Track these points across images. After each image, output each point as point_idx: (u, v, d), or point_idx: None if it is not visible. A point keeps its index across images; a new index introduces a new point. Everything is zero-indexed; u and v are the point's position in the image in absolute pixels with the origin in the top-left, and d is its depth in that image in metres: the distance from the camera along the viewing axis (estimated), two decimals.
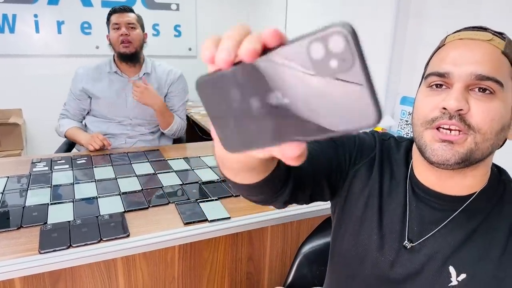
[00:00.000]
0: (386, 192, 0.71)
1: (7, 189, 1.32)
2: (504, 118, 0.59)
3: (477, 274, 0.61)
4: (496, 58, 0.59)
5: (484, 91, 0.58)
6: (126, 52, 1.82)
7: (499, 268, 0.60)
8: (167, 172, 1.53)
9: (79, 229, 1.08)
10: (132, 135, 1.94)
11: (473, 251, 0.62)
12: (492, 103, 0.58)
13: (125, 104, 1.90)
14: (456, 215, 0.64)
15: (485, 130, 0.58)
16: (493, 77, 0.57)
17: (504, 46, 0.59)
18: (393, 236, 0.69)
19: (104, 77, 1.89)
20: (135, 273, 1.11)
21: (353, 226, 0.74)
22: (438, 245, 0.65)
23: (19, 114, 2.95)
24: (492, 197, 0.65)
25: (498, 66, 0.58)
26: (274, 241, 1.31)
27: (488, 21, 1.46)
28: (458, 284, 0.62)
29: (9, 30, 2.83)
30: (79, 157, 1.66)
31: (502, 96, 0.58)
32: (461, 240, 0.63)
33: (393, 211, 0.70)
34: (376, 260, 0.70)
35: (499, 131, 0.59)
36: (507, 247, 0.61)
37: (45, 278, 1.00)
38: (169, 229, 1.11)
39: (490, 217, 0.64)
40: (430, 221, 0.66)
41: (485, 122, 0.58)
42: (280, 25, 2.95)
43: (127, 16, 1.83)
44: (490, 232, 0.63)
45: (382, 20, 1.87)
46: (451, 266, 0.63)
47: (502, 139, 0.62)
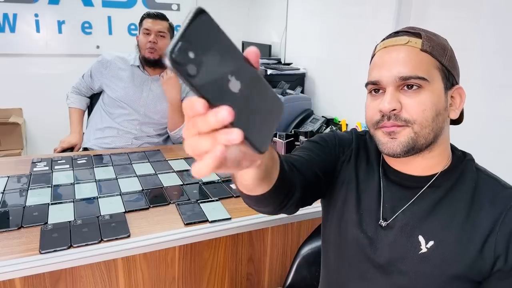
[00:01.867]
0: (363, 177, 0.81)
1: (7, 189, 1.32)
2: (437, 105, 0.69)
3: (443, 240, 0.69)
4: (415, 57, 0.69)
5: (412, 87, 0.68)
6: (150, 58, 1.87)
7: (462, 234, 0.68)
8: (168, 172, 1.53)
9: (79, 229, 1.07)
10: (139, 136, 1.95)
11: (439, 221, 0.71)
12: (420, 96, 0.68)
13: (139, 98, 1.93)
14: (422, 191, 0.73)
15: (420, 120, 0.68)
16: (415, 75, 0.67)
17: (421, 44, 0.69)
18: (371, 214, 0.78)
19: (128, 68, 1.94)
20: (135, 273, 1.11)
21: (337, 212, 0.83)
22: (407, 218, 0.73)
23: (19, 114, 2.95)
24: (454, 174, 0.73)
25: (418, 63, 0.68)
26: (274, 242, 1.31)
27: (489, 23, 1.46)
28: (427, 250, 0.70)
29: (9, 29, 2.83)
30: (79, 157, 1.66)
31: (430, 87, 0.68)
32: (427, 212, 0.72)
33: (369, 192, 0.79)
34: (357, 237, 0.78)
35: (435, 116, 0.68)
36: (469, 215, 0.69)
37: (46, 279, 1.00)
38: (170, 230, 1.11)
39: (452, 190, 0.72)
40: (400, 198, 0.75)
41: (417, 114, 0.68)
42: (281, 24, 2.95)
43: (159, 24, 1.86)
44: (453, 203, 0.71)
45: (383, 21, 1.87)
46: (420, 236, 0.71)
47: (442, 121, 0.70)
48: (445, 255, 0.69)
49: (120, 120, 1.93)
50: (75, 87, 2.04)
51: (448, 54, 0.71)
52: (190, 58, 0.34)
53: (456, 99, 0.73)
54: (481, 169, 0.75)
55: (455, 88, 0.72)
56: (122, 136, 1.93)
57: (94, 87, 2.00)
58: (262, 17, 3.36)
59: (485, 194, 0.70)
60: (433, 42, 0.70)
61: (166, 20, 1.90)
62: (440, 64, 0.70)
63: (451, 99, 0.72)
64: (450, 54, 0.71)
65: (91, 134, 1.96)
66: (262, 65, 2.65)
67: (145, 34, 1.86)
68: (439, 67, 0.70)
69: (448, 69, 0.70)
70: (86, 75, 2.00)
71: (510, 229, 0.66)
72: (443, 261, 0.69)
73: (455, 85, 0.72)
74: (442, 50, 0.70)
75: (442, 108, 0.70)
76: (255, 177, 0.52)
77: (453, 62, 0.72)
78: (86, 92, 2.05)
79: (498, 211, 0.68)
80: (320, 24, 2.53)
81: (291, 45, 2.89)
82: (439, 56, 0.70)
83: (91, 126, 2.00)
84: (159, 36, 1.86)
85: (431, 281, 0.70)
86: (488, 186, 0.71)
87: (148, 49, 1.85)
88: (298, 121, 2.02)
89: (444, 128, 0.72)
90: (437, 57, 0.69)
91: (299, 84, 2.38)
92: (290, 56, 2.90)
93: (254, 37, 3.45)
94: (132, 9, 3.14)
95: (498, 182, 0.72)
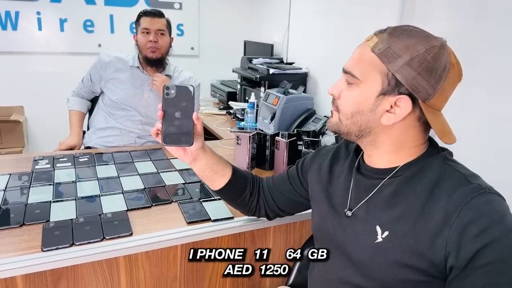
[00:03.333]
0: (337, 173, 0.89)
1: (9, 187, 1.32)
2: (360, 104, 0.73)
3: (397, 231, 0.72)
4: (363, 55, 0.72)
5: (350, 82, 0.74)
6: (153, 57, 1.86)
7: (416, 226, 0.70)
8: (170, 171, 1.52)
9: (81, 227, 1.07)
10: (142, 135, 1.95)
11: (395, 212, 0.73)
12: (350, 92, 0.74)
13: (140, 99, 1.92)
14: (383, 182, 0.77)
15: (343, 111, 0.76)
16: (350, 72, 0.73)
17: (374, 45, 0.71)
18: (340, 205, 0.84)
19: (127, 69, 1.92)
20: (137, 272, 1.11)
21: (316, 206, 0.93)
22: (369, 208, 0.78)
23: (20, 112, 2.94)
24: (414, 167, 0.75)
25: (361, 62, 0.72)
26: (276, 241, 1.31)
27: (492, 23, 1.46)
28: (382, 240, 0.73)
29: (11, 27, 2.82)
30: (81, 155, 1.66)
31: (361, 87, 0.72)
32: (386, 203, 0.75)
33: (341, 185, 0.86)
34: (328, 227, 0.85)
35: (355, 113, 0.74)
36: (424, 208, 0.70)
37: (47, 276, 1.00)
38: (172, 228, 1.11)
39: (410, 181, 0.74)
40: (365, 189, 0.79)
41: (342, 105, 0.77)
42: (283, 23, 2.94)
43: (158, 22, 1.84)
44: (410, 195, 0.73)
45: (386, 21, 1.87)
46: (377, 226, 0.75)
47: (367, 121, 0.74)
48: (397, 245, 0.71)
49: (122, 120, 1.92)
50: (75, 92, 2.02)
51: (402, 63, 0.68)
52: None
53: (400, 108, 0.70)
54: (452, 164, 0.74)
55: (398, 97, 0.70)
56: (125, 135, 1.92)
57: (96, 90, 1.98)
58: (264, 16, 3.35)
59: (446, 187, 0.70)
60: (388, 47, 0.69)
61: (163, 17, 1.88)
62: (387, 70, 0.69)
63: (394, 106, 0.71)
64: (409, 64, 0.67)
65: (93, 134, 1.96)
66: (264, 64, 2.65)
67: (145, 34, 1.84)
68: (384, 72, 0.69)
69: (396, 77, 0.68)
70: (86, 79, 1.98)
71: (463, 225, 0.65)
72: (395, 251, 0.71)
73: (402, 94, 0.69)
74: (393, 57, 0.68)
75: (367, 109, 0.73)
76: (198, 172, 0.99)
77: (409, 73, 0.68)
78: (87, 96, 2.03)
79: (454, 205, 0.67)
80: (322, 24, 2.52)
81: (294, 44, 2.89)
82: (386, 62, 0.69)
83: (93, 126, 1.99)
84: (159, 35, 1.84)
85: (385, 269, 0.72)
86: (452, 180, 0.70)
87: (150, 49, 1.84)
88: (300, 120, 2.02)
89: (374, 128, 0.74)
90: (384, 62, 0.69)
91: (301, 84, 2.37)
92: (292, 55, 2.89)
93: (256, 36, 3.45)
94: (134, 7, 3.13)
95: (465, 177, 0.70)
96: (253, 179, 1.06)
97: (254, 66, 2.68)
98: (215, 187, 1.02)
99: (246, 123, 2.24)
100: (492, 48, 1.48)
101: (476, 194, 0.67)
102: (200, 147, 0.93)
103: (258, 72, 2.59)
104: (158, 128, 0.89)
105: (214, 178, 1.00)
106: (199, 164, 0.96)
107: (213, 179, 1.00)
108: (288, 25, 2.90)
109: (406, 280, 0.70)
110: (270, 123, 2.06)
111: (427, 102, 0.69)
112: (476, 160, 1.54)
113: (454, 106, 1.76)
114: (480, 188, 0.68)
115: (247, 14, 3.56)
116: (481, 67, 1.53)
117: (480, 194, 0.67)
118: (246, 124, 2.21)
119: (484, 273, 0.63)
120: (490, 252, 0.63)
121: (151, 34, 1.83)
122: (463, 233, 0.64)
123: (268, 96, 2.11)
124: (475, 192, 0.67)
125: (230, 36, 3.50)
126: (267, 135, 1.62)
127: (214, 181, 1.00)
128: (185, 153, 0.94)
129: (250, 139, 1.56)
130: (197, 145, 0.92)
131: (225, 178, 1.01)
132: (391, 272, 0.72)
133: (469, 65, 1.55)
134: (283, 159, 1.53)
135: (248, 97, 2.42)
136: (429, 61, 0.68)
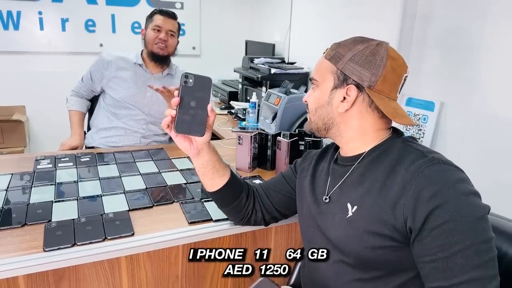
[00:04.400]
0: (320, 168, 0.99)
1: (11, 186, 1.32)
2: (319, 100, 0.89)
3: (364, 204, 0.81)
4: (320, 63, 0.89)
5: (313, 86, 0.91)
6: (160, 53, 1.87)
7: (379, 197, 0.78)
8: (172, 171, 1.53)
9: (83, 227, 1.07)
10: (147, 134, 1.95)
11: (362, 189, 0.83)
12: (313, 93, 0.91)
13: (143, 98, 1.93)
14: (353, 168, 0.87)
15: (310, 109, 0.92)
16: (312, 77, 0.91)
17: (326, 54, 0.88)
18: (320, 194, 0.93)
19: (130, 67, 1.92)
20: (138, 272, 1.11)
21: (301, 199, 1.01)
22: (342, 191, 0.87)
23: (22, 111, 2.95)
24: (377, 150, 0.85)
25: (319, 68, 0.89)
26: (278, 242, 1.31)
27: (494, 22, 1.45)
28: (352, 214, 0.83)
29: (13, 27, 2.83)
30: (83, 155, 1.66)
31: (320, 87, 0.89)
32: (355, 183, 0.85)
33: (321, 178, 0.96)
34: (311, 214, 0.94)
35: (317, 108, 0.89)
36: (386, 182, 0.79)
37: (49, 276, 1.00)
38: (174, 228, 1.11)
39: (374, 163, 0.84)
40: (340, 176, 0.89)
41: (309, 104, 0.92)
42: (285, 23, 2.94)
43: (170, 22, 1.87)
44: (374, 173, 0.82)
45: (388, 21, 1.86)
46: (348, 203, 0.84)
47: (327, 113, 0.88)
48: (364, 216, 0.80)
49: (126, 120, 1.92)
50: (74, 91, 2.01)
51: (346, 60, 0.84)
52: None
53: (349, 97, 0.84)
54: (412, 143, 0.84)
55: (347, 87, 0.84)
56: (129, 135, 1.92)
57: (96, 89, 1.98)
58: (266, 17, 3.35)
59: (405, 163, 0.79)
60: (336, 52, 0.86)
61: (176, 19, 1.90)
62: (336, 68, 0.85)
63: (346, 96, 0.84)
64: (351, 60, 0.83)
65: (96, 134, 1.95)
66: (265, 64, 2.64)
67: (156, 31, 1.85)
68: (334, 71, 0.85)
69: (344, 72, 0.84)
70: (86, 77, 1.97)
71: (417, 192, 0.72)
72: (363, 222, 0.80)
73: (350, 84, 0.84)
74: (339, 58, 0.85)
75: (325, 102, 0.88)
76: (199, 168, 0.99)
77: (352, 66, 0.83)
78: (87, 95, 2.03)
79: (410, 175, 0.75)
80: (324, 24, 2.52)
81: (295, 44, 2.88)
82: (334, 63, 0.85)
83: (95, 126, 1.98)
84: (169, 35, 1.86)
85: (356, 240, 0.81)
86: (410, 157, 0.79)
87: (158, 45, 1.85)
88: (302, 120, 2.01)
89: (334, 118, 0.87)
90: (333, 63, 0.85)
91: (302, 84, 2.37)
92: (294, 55, 2.89)
93: (258, 36, 3.44)
94: (136, 7, 3.14)
95: (422, 152, 0.79)
96: (247, 184, 1.09)
97: (256, 66, 2.68)
98: (214, 187, 1.02)
99: (247, 123, 2.24)
100: (493, 47, 1.48)
101: (430, 164, 0.75)
102: (207, 141, 0.94)
103: (259, 72, 2.59)
104: (172, 115, 0.89)
105: (214, 176, 1.00)
106: (202, 160, 0.97)
107: (213, 177, 1.00)
108: (289, 25, 2.90)
109: (375, 247, 0.78)
110: (271, 123, 2.06)
111: (372, 88, 0.82)
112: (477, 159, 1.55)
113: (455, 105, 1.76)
114: (434, 159, 0.76)
115: (248, 14, 3.55)
116: (481, 66, 1.52)
117: (433, 164, 0.75)
118: (248, 124, 2.21)
119: (438, 234, 0.70)
120: (442, 212, 0.69)
121: (162, 33, 1.85)
122: (418, 198, 0.72)
123: (269, 96, 2.11)
124: (428, 163, 0.75)
125: (231, 36, 3.50)
126: (268, 135, 1.62)
127: (214, 179, 1.01)
128: (191, 145, 0.94)
129: (252, 139, 1.56)
130: (205, 138, 0.92)
131: (224, 178, 1.01)
132: (361, 242, 0.80)
133: (470, 64, 1.56)
134: (284, 159, 1.53)
135: (250, 97, 2.42)
136: (368, 55, 0.83)
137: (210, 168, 0.99)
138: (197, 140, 0.93)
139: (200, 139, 0.92)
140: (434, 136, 1.71)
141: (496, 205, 0.88)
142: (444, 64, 1.67)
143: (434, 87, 1.73)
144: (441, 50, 1.68)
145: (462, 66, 1.59)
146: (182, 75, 0.86)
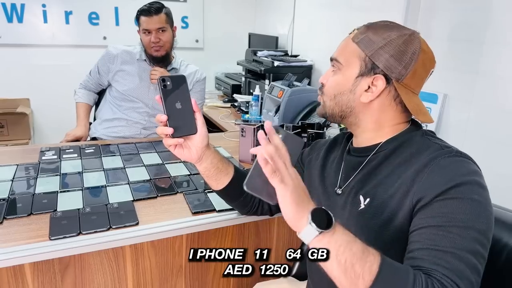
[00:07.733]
0: (331, 158, 0.97)
1: (16, 177, 1.34)
2: (341, 85, 0.83)
3: (376, 196, 0.79)
4: (345, 45, 0.84)
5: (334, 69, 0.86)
6: (158, 55, 1.87)
7: (392, 188, 0.77)
8: (175, 162, 1.54)
9: (88, 217, 1.08)
10: (148, 126, 1.97)
11: (374, 181, 0.81)
12: (334, 76, 0.85)
13: (147, 91, 1.94)
14: (368, 159, 0.84)
15: (327, 93, 0.87)
16: (335, 58, 0.85)
17: (354, 36, 0.82)
18: (332, 185, 0.92)
19: (134, 62, 1.94)
20: (143, 261, 1.12)
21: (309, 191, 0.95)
22: (355, 183, 0.85)
23: (26, 104, 2.96)
24: (394, 142, 0.82)
25: (344, 50, 0.84)
26: (280, 232, 1.32)
27: (498, 13, 1.44)
28: (364, 207, 0.81)
29: (17, 19, 2.83)
30: (87, 146, 1.67)
31: (343, 71, 0.83)
32: (368, 175, 0.83)
33: (333, 168, 0.94)
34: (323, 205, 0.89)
35: (337, 94, 0.84)
36: (401, 174, 0.77)
37: (55, 264, 1.02)
38: (177, 218, 1.12)
39: (391, 155, 0.81)
40: (353, 167, 0.87)
41: (327, 88, 0.87)
42: (288, 16, 2.93)
43: (156, 20, 1.82)
44: (389, 166, 0.80)
45: (392, 13, 1.86)
46: (360, 195, 0.82)
47: (347, 101, 0.83)
48: (376, 207, 0.78)
49: (129, 112, 1.94)
50: (83, 84, 2.04)
51: (377, 48, 0.79)
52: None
53: (376, 87, 0.80)
54: (431, 138, 0.81)
55: (374, 77, 0.80)
56: (131, 126, 1.94)
57: (103, 82, 2.00)
58: (269, 9, 3.34)
59: (422, 156, 0.76)
60: (365, 36, 0.81)
61: (161, 12, 1.83)
62: (364, 54, 0.80)
63: (372, 86, 0.80)
64: (382, 48, 0.78)
65: (99, 125, 1.97)
66: (269, 56, 2.64)
67: (146, 33, 1.84)
68: (362, 56, 0.80)
69: (372, 60, 0.79)
70: (93, 71, 2.00)
71: (431, 178, 0.71)
72: (375, 212, 0.78)
73: (377, 74, 0.79)
74: (369, 44, 0.79)
75: (347, 89, 0.83)
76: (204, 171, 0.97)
77: (383, 56, 0.78)
78: (94, 88, 2.06)
79: (424, 164, 0.73)
80: (327, 16, 2.51)
81: (298, 37, 2.88)
82: (364, 48, 0.80)
83: (99, 118, 2.01)
84: (159, 32, 1.84)
85: (369, 231, 0.78)
86: (429, 150, 0.77)
87: (153, 48, 1.85)
88: (305, 113, 2.02)
89: (354, 107, 0.83)
90: (362, 48, 0.80)
91: (306, 76, 2.37)
92: (297, 48, 2.88)
93: (261, 29, 3.44)
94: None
95: (440, 146, 0.77)
96: None
97: (259, 58, 2.67)
98: (220, 185, 1.01)
99: (250, 115, 2.24)
100: (497, 39, 1.47)
101: (446, 156, 0.73)
102: (206, 144, 0.92)
103: (262, 64, 2.58)
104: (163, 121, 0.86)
105: (219, 176, 0.99)
106: (205, 164, 0.95)
107: (218, 177, 0.99)
108: (293, 18, 2.89)
109: (386, 241, 0.76)
110: (274, 115, 2.06)
111: (400, 82, 0.79)
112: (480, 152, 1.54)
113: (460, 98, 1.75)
114: (452, 151, 0.74)
115: (251, 7, 3.54)
116: (485, 58, 1.52)
117: (449, 156, 0.73)
118: (251, 117, 2.22)
119: (443, 204, 0.68)
120: (451, 192, 0.68)
121: (152, 34, 1.83)
122: (431, 183, 0.71)
123: (272, 88, 2.11)
124: (445, 154, 0.73)
125: (234, 29, 3.49)
126: None
127: (219, 179, 1.00)
128: (190, 153, 0.92)
129: (255, 131, 1.56)
130: (204, 143, 0.91)
131: (229, 176, 1.00)
132: (373, 233, 0.78)
133: (475, 56, 1.55)
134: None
135: (253, 89, 2.42)
136: (400, 45, 0.78)
137: (213, 170, 0.97)
138: (196, 145, 0.91)
139: (198, 143, 0.90)
140: (437, 128, 1.71)
141: (499, 197, 0.88)
142: (448, 56, 1.66)
143: (437, 79, 1.72)
144: (445, 42, 1.67)
145: (466, 58, 1.59)
146: (158, 80, 0.84)
